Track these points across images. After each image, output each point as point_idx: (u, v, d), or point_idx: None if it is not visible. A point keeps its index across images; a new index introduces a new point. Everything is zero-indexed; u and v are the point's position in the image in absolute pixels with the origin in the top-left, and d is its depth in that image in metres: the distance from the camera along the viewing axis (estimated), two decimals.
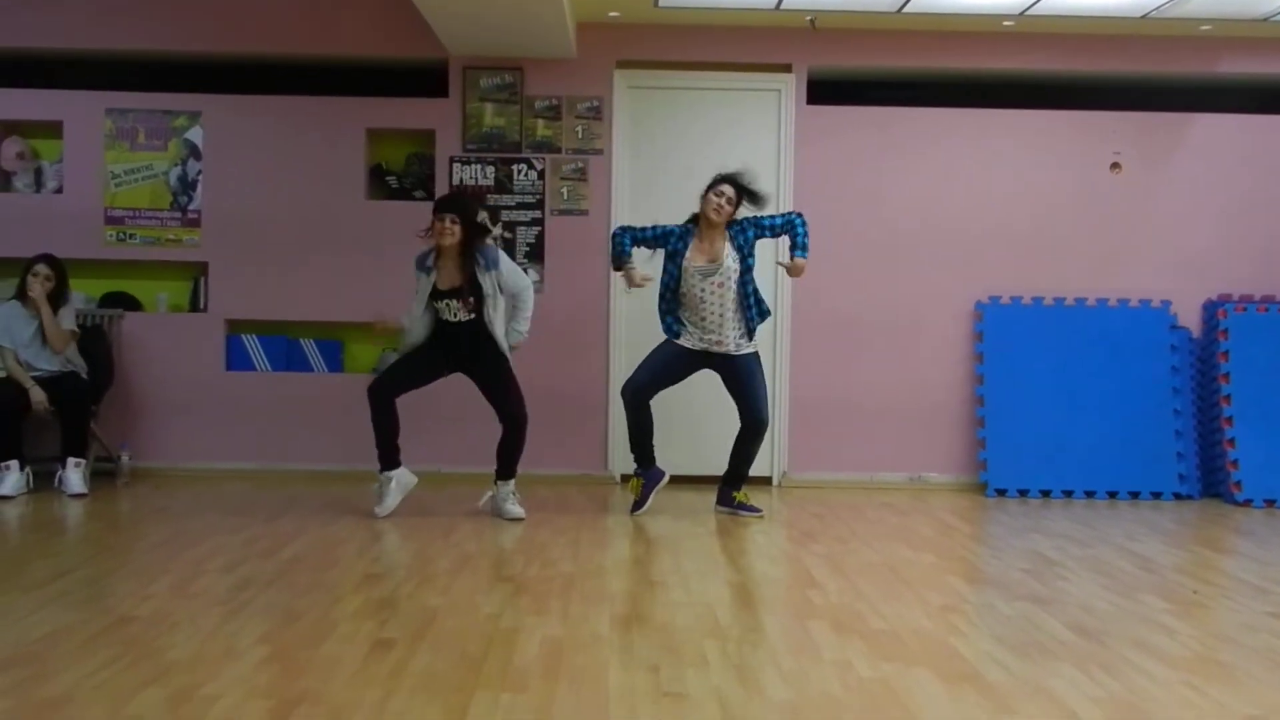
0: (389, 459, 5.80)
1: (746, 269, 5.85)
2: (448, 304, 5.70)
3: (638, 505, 6.03)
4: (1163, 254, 7.23)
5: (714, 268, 5.80)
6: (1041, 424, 7.04)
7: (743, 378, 5.91)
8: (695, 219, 5.91)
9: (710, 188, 5.83)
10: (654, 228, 5.98)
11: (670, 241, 5.90)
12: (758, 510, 6.02)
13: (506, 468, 5.88)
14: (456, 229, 5.58)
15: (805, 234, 5.89)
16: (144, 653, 3.43)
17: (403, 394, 5.80)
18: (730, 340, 5.86)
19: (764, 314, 5.96)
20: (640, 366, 6.04)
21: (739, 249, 5.85)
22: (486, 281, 5.66)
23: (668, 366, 5.95)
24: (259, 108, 7.18)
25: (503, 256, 5.82)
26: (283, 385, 7.16)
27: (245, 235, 7.14)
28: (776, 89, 7.20)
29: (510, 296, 5.76)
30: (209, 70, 7.32)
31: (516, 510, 5.81)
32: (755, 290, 5.89)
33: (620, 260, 5.96)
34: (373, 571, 4.60)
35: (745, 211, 5.90)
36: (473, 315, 5.69)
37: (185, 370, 7.12)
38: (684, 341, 5.90)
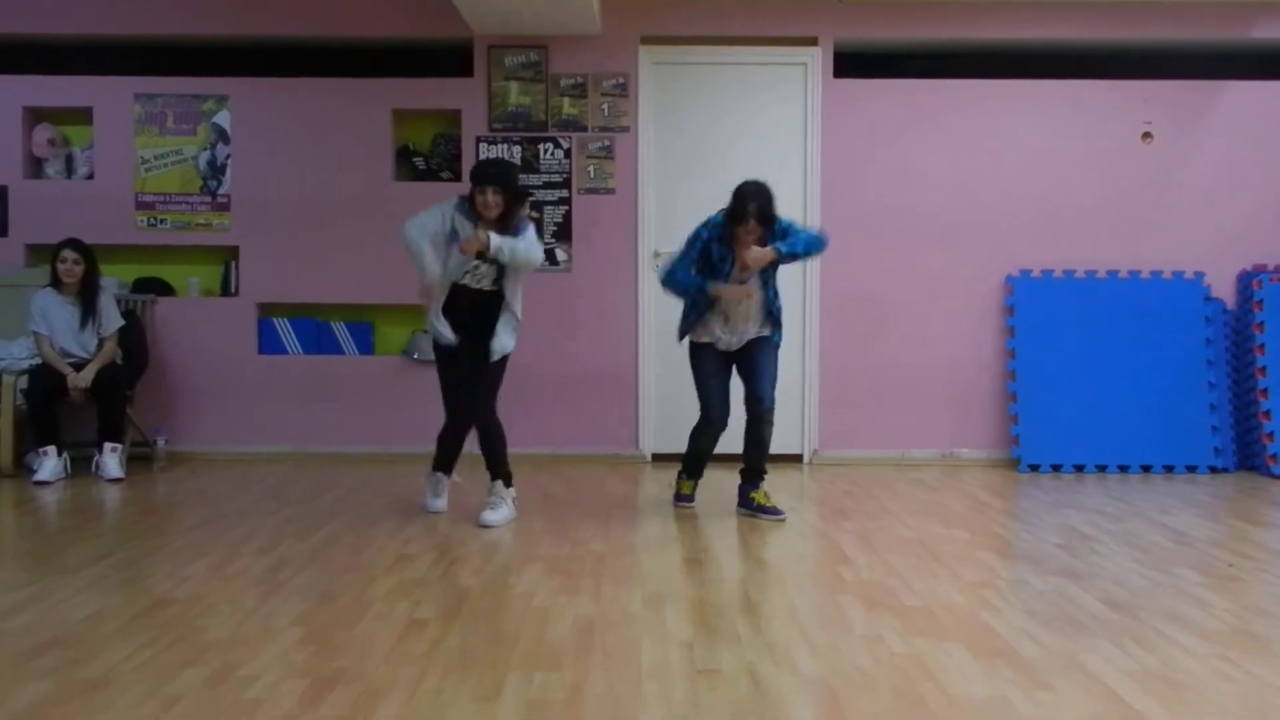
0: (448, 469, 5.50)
1: (770, 275, 5.40)
2: (478, 267, 5.16)
3: (686, 500, 5.71)
4: (1196, 225, 7.16)
5: (747, 277, 5.34)
6: (1074, 398, 7.00)
7: (753, 355, 5.45)
8: (722, 218, 5.29)
9: (739, 219, 5.16)
10: (688, 249, 5.36)
11: (715, 251, 5.29)
12: (779, 514, 5.42)
13: (495, 467, 5.34)
14: (499, 199, 5.07)
15: (806, 251, 5.29)
16: (182, 634, 3.47)
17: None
18: (748, 332, 5.45)
19: (776, 319, 5.48)
20: (707, 395, 5.46)
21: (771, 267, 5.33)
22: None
23: (719, 375, 5.50)
24: (286, 90, 7.21)
25: (530, 228, 5.24)
26: (314, 368, 7.21)
27: (275, 218, 7.18)
28: (803, 62, 7.16)
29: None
30: (236, 53, 7.35)
31: (490, 516, 5.20)
32: (775, 295, 5.44)
33: (703, 288, 5.33)
34: (406, 552, 4.63)
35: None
36: (496, 287, 5.23)
37: (218, 354, 7.18)
38: (705, 338, 5.47)
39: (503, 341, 5.23)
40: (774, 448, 6.75)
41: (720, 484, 6.17)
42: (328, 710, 2.83)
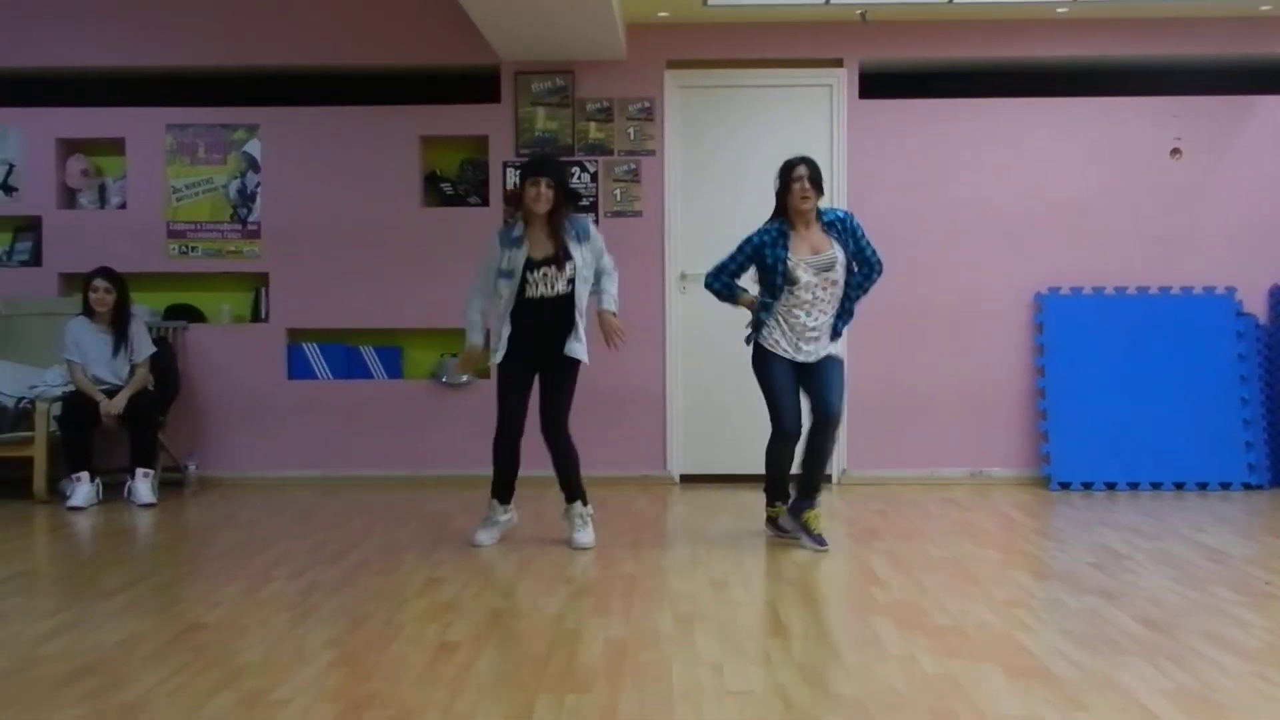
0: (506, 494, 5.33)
1: (851, 268, 5.25)
2: (543, 273, 5.06)
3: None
4: (1227, 240, 7.11)
5: (825, 260, 5.14)
6: (1105, 415, 6.94)
7: (822, 367, 5.25)
8: (777, 217, 5.25)
9: (789, 178, 5.16)
10: (738, 251, 5.27)
11: (764, 253, 5.17)
12: (823, 544, 5.15)
13: (571, 489, 5.32)
14: (551, 194, 5.01)
15: (865, 287, 5.33)
16: (215, 658, 3.49)
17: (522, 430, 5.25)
18: (819, 350, 5.26)
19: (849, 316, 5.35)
20: (779, 402, 5.23)
21: (844, 245, 5.20)
22: (578, 254, 5.11)
23: (789, 383, 5.25)
24: (315, 119, 7.28)
25: (593, 227, 5.30)
26: (344, 393, 7.25)
27: (304, 245, 7.23)
28: (829, 84, 7.17)
29: (600, 270, 5.24)
30: (266, 83, 7.42)
31: (583, 538, 5.22)
32: (849, 312, 5.33)
33: (734, 298, 5.33)
34: (436, 575, 4.64)
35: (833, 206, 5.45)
36: (569, 289, 5.10)
37: (248, 380, 7.23)
38: (773, 348, 5.23)
39: (574, 347, 5.15)
40: None
41: (749, 504, 6.16)
42: None
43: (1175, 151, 7.13)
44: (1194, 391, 6.94)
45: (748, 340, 5.34)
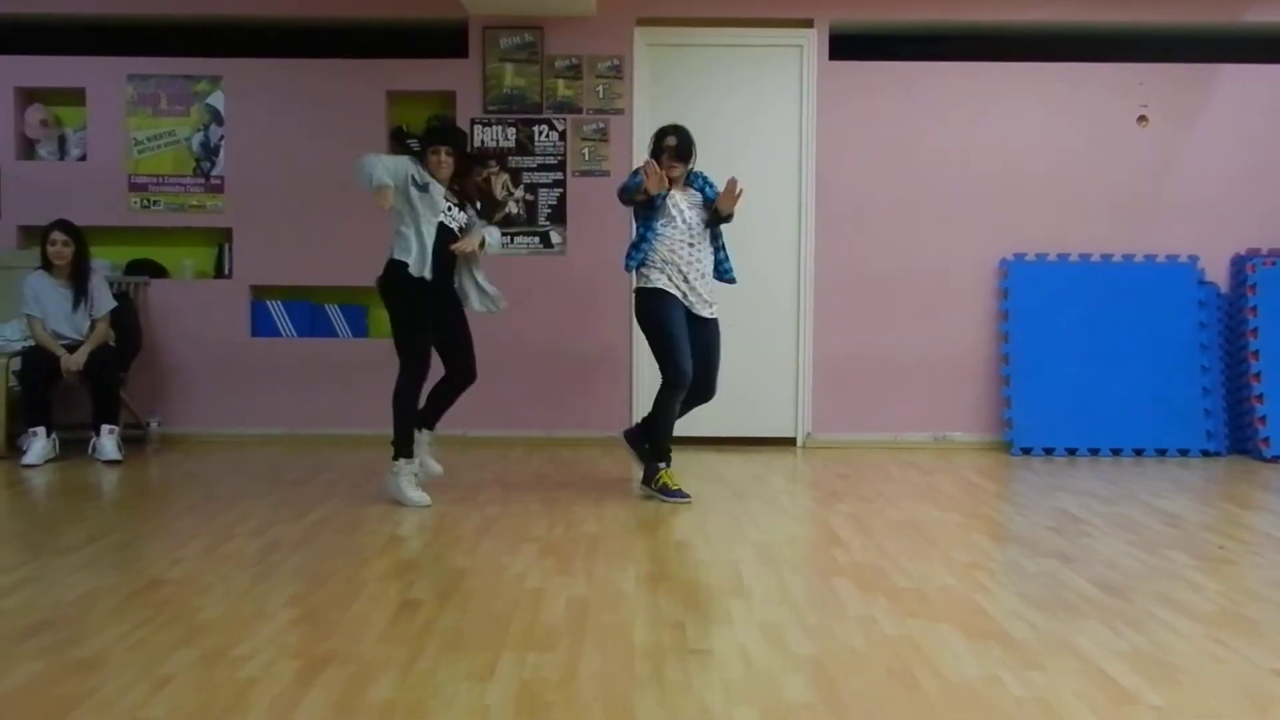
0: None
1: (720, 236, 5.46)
2: (449, 206, 5.34)
3: (681, 495, 5.40)
4: (1190, 208, 7.17)
5: (696, 198, 5.39)
6: (1067, 382, 7.01)
7: (708, 339, 5.41)
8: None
9: (658, 146, 5.40)
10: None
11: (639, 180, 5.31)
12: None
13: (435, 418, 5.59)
14: (451, 161, 5.33)
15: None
16: (176, 614, 3.47)
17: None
18: (704, 300, 5.39)
19: (729, 272, 5.48)
20: (677, 351, 5.25)
21: (703, 191, 5.42)
22: (470, 212, 5.45)
23: (686, 331, 5.33)
24: (280, 71, 7.18)
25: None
26: (307, 350, 7.20)
27: (268, 200, 7.16)
28: (798, 45, 7.14)
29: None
30: (230, 33, 7.31)
31: (435, 465, 5.62)
32: (727, 258, 5.48)
33: (638, 186, 5.29)
34: (399, 534, 4.63)
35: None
36: (458, 232, 5.36)
37: (211, 336, 7.17)
38: (666, 287, 5.31)
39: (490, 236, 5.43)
40: (768, 430, 7.06)
41: (712, 465, 6.18)
42: (321, 690, 2.83)
43: (1141, 119, 7.16)
44: (1155, 359, 7.01)
45: (627, 268, 5.43)
